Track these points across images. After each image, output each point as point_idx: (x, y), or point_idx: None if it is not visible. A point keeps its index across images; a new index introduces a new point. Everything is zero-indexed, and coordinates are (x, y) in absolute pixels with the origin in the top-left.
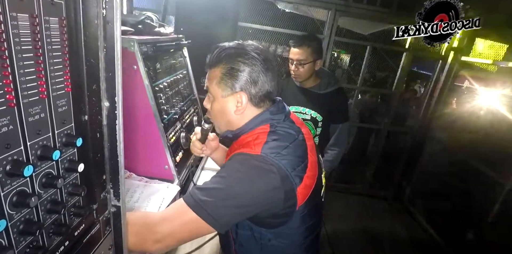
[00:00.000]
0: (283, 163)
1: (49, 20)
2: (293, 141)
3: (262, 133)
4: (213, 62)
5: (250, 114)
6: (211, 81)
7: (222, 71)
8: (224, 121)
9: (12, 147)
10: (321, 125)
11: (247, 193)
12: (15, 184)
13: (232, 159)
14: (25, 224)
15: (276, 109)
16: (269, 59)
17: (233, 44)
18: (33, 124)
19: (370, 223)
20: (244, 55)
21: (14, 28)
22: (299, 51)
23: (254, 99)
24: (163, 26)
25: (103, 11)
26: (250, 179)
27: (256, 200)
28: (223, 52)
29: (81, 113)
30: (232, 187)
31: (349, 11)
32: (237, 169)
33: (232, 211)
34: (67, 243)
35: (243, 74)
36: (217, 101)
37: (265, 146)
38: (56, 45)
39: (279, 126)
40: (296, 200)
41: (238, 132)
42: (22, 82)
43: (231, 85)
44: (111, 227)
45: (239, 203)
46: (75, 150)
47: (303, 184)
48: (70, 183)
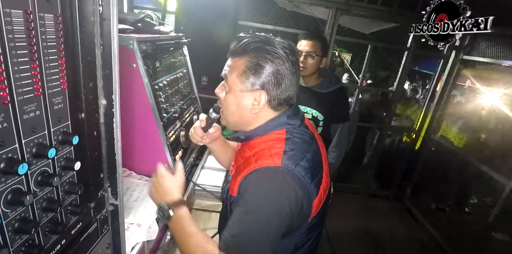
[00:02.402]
0: (303, 174)
1: (44, 17)
2: (309, 150)
3: (278, 139)
4: (238, 51)
5: (265, 116)
6: (231, 71)
7: (247, 64)
8: (235, 116)
9: (7, 145)
10: (322, 124)
11: (278, 217)
12: (10, 182)
13: (253, 179)
14: (20, 223)
15: (293, 113)
16: (297, 61)
17: (264, 38)
18: (28, 122)
19: (370, 223)
20: (273, 53)
21: (8, 25)
22: (310, 43)
23: (273, 101)
24: (162, 25)
25: (100, 8)
26: (275, 203)
27: (285, 220)
28: (251, 44)
29: (78, 111)
30: (260, 216)
31: (350, 10)
32: (261, 194)
33: (269, 239)
34: (64, 241)
35: (268, 73)
36: (232, 94)
37: (284, 156)
38: (51, 42)
39: (295, 132)
40: (311, 212)
41: (251, 134)
42: (17, 79)
43: (253, 82)
44: (109, 225)
45: (271, 229)
46: (71, 148)
47: (319, 196)
48: (67, 181)
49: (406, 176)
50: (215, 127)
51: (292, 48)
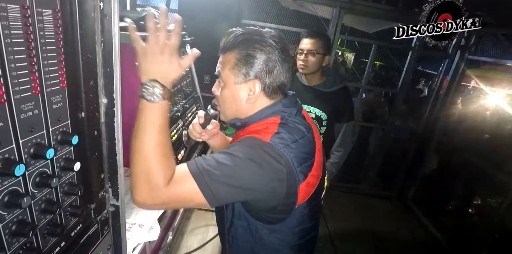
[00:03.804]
0: (290, 156)
1: (42, 12)
2: (303, 137)
3: (272, 123)
4: (228, 46)
5: (261, 104)
6: (223, 67)
7: (237, 56)
8: (232, 109)
9: (3, 145)
10: (325, 124)
11: (252, 176)
12: (6, 184)
13: (242, 141)
14: (17, 225)
15: (289, 102)
16: (286, 49)
17: (251, 29)
18: (25, 122)
19: (373, 223)
20: (262, 42)
21: (4, 20)
22: (311, 41)
23: (267, 89)
24: None
25: (100, 3)
26: (258, 163)
27: (258, 186)
28: (240, 36)
29: (78, 110)
30: (239, 167)
31: (354, 9)
32: (247, 151)
33: (231, 190)
34: (63, 243)
35: (259, 61)
36: (227, 88)
37: (275, 135)
38: (50, 38)
39: (290, 119)
40: (297, 198)
41: (247, 120)
42: (13, 77)
43: (245, 72)
44: (109, 227)
45: (241, 184)
46: (71, 148)
47: (306, 182)
48: (66, 182)
49: (409, 177)
50: (214, 123)
51: (280, 36)
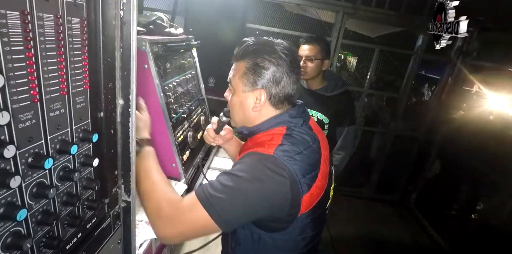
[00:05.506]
0: (294, 168)
1: (71, 20)
2: (307, 148)
3: (277, 134)
4: (239, 55)
5: (267, 114)
6: (234, 74)
7: (247, 66)
8: (240, 115)
9: (34, 140)
10: (327, 128)
11: (256, 194)
12: (35, 176)
13: (245, 158)
14: (43, 215)
15: (296, 112)
16: (296, 61)
17: (263, 40)
18: (53, 119)
19: (375, 228)
20: (272, 54)
21: (40, 28)
22: (309, 47)
23: (273, 99)
24: (173, 27)
25: (121, 12)
26: (260, 180)
27: (263, 203)
28: (251, 46)
29: (97, 110)
30: (242, 186)
31: (357, 14)
32: (249, 169)
33: (239, 210)
34: (80, 235)
35: (267, 72)
36: (236, 95)
37: (279, 147)
38: (77, 44)
39: (295, 130)
40: (300, 208)
41: (254, 129)
42: (45, 79)
43: (253, 81)
44: (121, 221)
45: (247, 202)
46: (90, 145)
47: (310, 193)
48: (85, 177)
49: (411, 181)
50: (227, 130)
51: (290, 48)
